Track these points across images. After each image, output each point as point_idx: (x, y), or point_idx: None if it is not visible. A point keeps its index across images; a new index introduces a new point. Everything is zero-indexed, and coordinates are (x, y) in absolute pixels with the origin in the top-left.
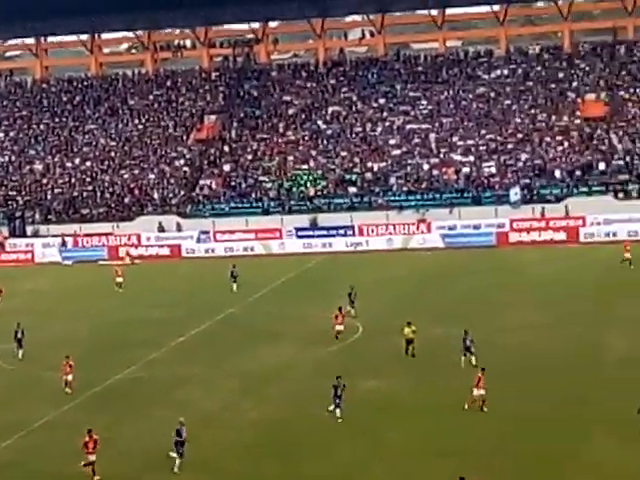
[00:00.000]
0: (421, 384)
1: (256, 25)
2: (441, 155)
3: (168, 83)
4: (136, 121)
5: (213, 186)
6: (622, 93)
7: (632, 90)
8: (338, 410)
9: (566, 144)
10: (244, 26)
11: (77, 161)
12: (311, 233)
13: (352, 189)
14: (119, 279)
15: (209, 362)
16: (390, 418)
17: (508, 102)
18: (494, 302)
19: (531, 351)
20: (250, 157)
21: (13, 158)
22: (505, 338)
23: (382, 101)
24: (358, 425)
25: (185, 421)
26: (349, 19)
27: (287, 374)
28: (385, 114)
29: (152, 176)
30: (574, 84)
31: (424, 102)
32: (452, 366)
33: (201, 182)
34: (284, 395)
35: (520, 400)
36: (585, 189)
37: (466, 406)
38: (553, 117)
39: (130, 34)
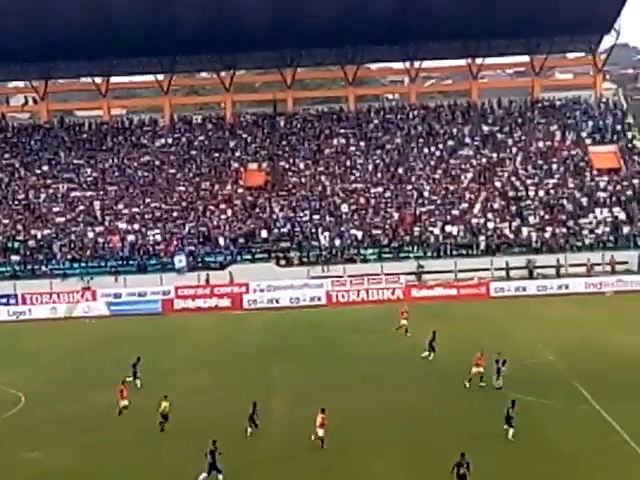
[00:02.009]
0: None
1: None
2: (106, 223)
3: None
4: None
5: None
6: (282, 163)
7: (292, 160)
8: (221, 476)
9: (229, 212)
10: None
11: None
12: None
13: (15, 257)
14: None
15: None
16: None
17: (173, 170)
18: (162, 369)
19: (204, 416)
20: None
21: None
22: (175, 404)
23: (46, 168)
24: None
25: None
26: (11, 85)
27: None
28: (49, 181)
29: None
30: (237, 153)
31: (89, 169)
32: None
33: None
34: None
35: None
36: (248, 256)
37: (312, 437)
38: (217, 186)
39: None
